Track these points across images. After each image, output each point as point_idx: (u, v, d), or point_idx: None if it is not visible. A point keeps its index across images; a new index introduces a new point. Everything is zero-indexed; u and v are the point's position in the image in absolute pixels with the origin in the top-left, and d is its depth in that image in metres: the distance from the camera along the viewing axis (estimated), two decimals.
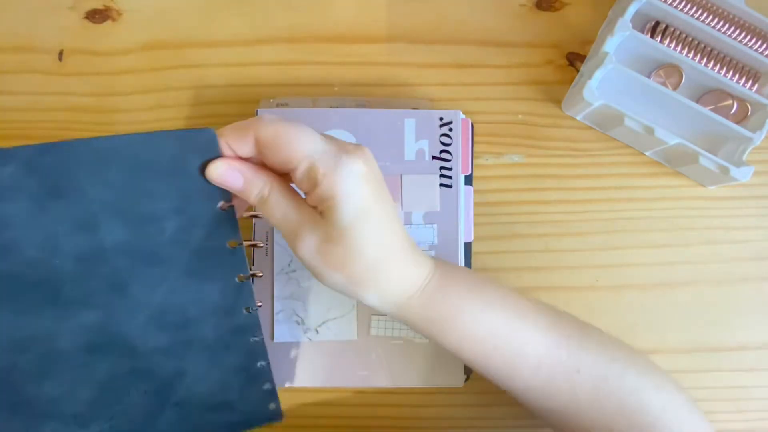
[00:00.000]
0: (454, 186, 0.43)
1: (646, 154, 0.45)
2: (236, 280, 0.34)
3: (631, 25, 0.42)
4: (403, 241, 0.32)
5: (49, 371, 0.32)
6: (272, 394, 0.38)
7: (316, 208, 0.30)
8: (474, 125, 0.45)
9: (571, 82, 0.46)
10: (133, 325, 0.32)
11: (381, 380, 0.42)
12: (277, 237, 0.42)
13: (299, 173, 0.29)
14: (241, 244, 0.33)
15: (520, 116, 0.46)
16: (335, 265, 0.30)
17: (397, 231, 0.32)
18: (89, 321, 0.32)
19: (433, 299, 0.33)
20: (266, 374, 0.37)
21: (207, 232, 0.32)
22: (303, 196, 0.31)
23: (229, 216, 0.32)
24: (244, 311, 0.35)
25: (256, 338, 0.36)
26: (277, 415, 0.39)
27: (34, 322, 0.31)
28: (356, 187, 0.29)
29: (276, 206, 0.30)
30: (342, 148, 0.30)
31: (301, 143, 0.29)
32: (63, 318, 0.31)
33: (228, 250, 0.33)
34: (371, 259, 0.30)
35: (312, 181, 0.29)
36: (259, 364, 0.37)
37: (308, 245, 0.30)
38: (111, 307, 0.32)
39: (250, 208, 0.41)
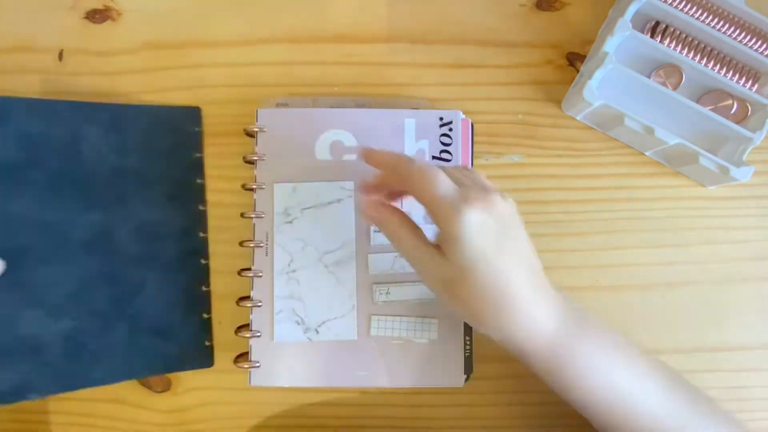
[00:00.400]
0: None
1: (646, 154, 0.45)
2: (199, 207, 0.44)
3: (631, 25, 0.42)
4: (528, 286, 0.33)
5: (52, 258, 0.39)
6: (208, 328, 0.44)
7: (440, 246, 0.33)
8: (474, 125, 0.45)
9: (571, 82, 0.46)
10: (122, 231, 0.42)
11: (381, 380, 0.42)
12: (277, 237, 0.42)
13: (427, 212, 0.33)
14: (202, 181, 0.44)
15: (520, 116, 0.46)
16: (457, 301, 0.33)
17: (520, 277, 0.33)
18: (96, 219, 0.41)
19: (558, 354, 0.34)
20: (207, 302, 0.44)
21: (185, 169, 0.44)
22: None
23: (198, 162, 0.44)
24: (200, 234, 0.44)
25: (204, 261, 0.44)
26: (207, 358, 0.43)
27: (66, 208, 0.40)
28: (473, 236, 0.31)
29: (404, 240, 0.34)
30: (465, 196, 0.32)
31: (430, 187, 0.32)
32: (83, 211, 0.41)
33: (197, 184, 0.44)
34: (490, 300, 0.32)
35: (435, 221, 0.32)
36: (203, 288, 0.44)
37: (433, 279, 0.34)
38: (113, 212, 0.41)
39: None
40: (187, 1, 0.46)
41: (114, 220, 0.41)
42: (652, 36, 0.44)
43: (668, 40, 0.44)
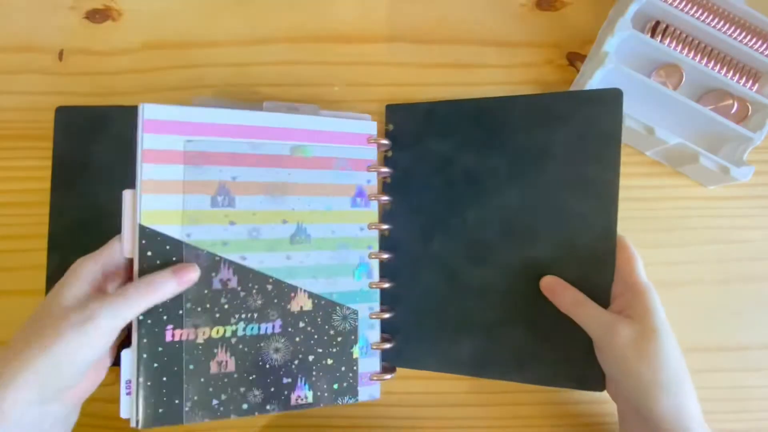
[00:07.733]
0: None
1: (646, 154, 0.45)
2: None
3: (631, 24, 0.42)
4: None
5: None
6: None
7: (622, 312, 0.37)
8: None
9: (571, 82, 0.46)
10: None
11: None
12: None
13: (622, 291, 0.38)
14: None
15: None
16: (646, 360, 0.35)
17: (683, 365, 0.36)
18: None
19: None
20: None
21: None
22: None
23: None
24: None
25: None
26: None
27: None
28: (660, 307, 0.36)
29: (587, 310, 0.38)
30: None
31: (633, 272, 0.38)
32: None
33: None
34: (674, 366, 0.35)
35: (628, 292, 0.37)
36: None
37: (624, 337, 0.35)
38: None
39: None
40: (187, 1, 0.46)
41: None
42: (652, 36, 0.44)
43: (668, 39, 0.44)
